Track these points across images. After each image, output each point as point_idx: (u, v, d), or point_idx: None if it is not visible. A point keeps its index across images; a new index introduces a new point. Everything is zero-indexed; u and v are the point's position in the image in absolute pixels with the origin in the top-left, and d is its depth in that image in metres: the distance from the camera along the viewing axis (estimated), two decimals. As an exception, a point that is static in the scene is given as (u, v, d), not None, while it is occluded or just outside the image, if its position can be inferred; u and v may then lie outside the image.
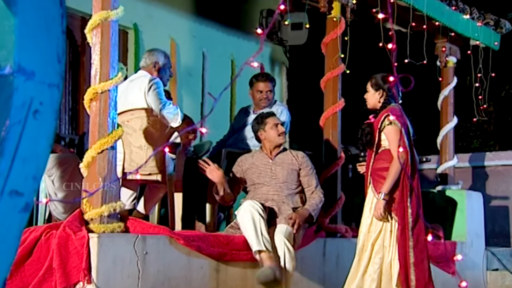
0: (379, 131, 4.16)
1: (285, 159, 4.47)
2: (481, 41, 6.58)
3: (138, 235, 3.71)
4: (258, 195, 4.38)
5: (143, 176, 4.43)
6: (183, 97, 6.87)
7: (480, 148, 10.40)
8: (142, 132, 4.41)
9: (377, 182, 4.17)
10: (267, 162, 4.46)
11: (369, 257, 4.11)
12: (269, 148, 4.48)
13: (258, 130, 4.47)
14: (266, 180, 4.41)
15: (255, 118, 4.56)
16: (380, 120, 4.14)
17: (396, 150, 4.08)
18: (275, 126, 4.45)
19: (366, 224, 4.18)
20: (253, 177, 4.46)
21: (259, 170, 4.45)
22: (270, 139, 4.45)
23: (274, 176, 4.40)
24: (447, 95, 6.72)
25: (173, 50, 6.73)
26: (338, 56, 5.32)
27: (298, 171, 4.45)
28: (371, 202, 4.18)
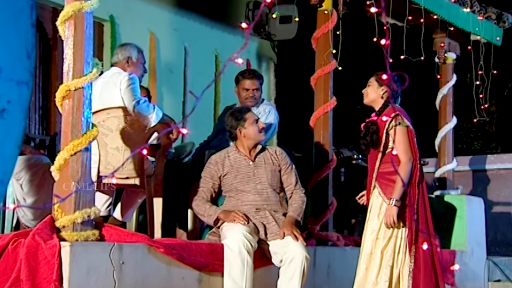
0: (386, 131, 4.17)
1: (265, 159, 4.40)
2: (482, 36, 6.63)
3: (114, 244, 3.70)
4: (245, 205, 4.30)
5: (120, 180, 4.42)
6: (164, 95, 6.87)
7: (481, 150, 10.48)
8: (119, 133, 4.40)
9: (386, 186, 4.17)
10: (248, 165, 4.37)
11: (379, 265, 4.12)
12: (247, 147, 4.38)
13: (237, 127, 4.36)
14: (250, 186, 4.33)
15: (231, 114, 4.43)
16: (388, 120, 4.16)
17: (404, 152, 4.11)
18: (255, 122, 4.38)
19: (373, 230, 4.18)
20: (235, 183, 4.35)
21: (240, 174, 4.36)
22: (250, 136, 4.36)
23: (258, 181, 4.34)
24: (446, 94, 6.76)
25: (153, 44, 6.72)
26: (330, 52, 5.34)
27: (279, 171, 4.42)
28: (379, 207, 4.17)
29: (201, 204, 4.32)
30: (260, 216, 4.26)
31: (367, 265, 4.16)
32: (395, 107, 4.23)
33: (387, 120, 4.15)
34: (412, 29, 6.06)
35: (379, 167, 4.19)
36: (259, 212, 4.27)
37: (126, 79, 4.39)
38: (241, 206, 4.28)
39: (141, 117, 4.35)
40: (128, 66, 4.60)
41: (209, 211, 4.26)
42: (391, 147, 4.18)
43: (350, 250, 5.28)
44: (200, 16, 7.23)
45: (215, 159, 4.39)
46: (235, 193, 4.34)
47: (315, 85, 5.42)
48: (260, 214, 4.27)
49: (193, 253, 4.04)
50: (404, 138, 4.15)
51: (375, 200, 4.23)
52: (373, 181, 4.23)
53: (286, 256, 4.11)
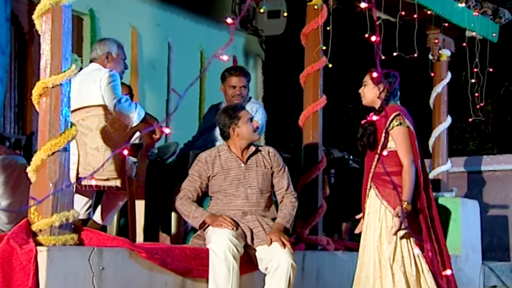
0: (386, 131, 4.18)
1: (257, 162, 4.37)
2: (478, 32, 6.67)
3: (93, 248, 3.69)
4: (232, 209, 4.29)
5: (100, 182, 4.41)
6: (146, 93, 6.86)
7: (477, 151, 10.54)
8: (99, 132, 4.39)
9: (383, 188, 4.16)
10: (239, 167, 4.34)
11: (391, 273, 4.07)
12: (240, 147, 4.35)
13: (230, 125, 4.31)
14: (239, 190, 4.30)
15: (224, 111, 4.39)
16: (389, 120, 4.15)
17: (406, 154, 4.12)
18: (250, 120, 4.34)
19: (375, 235, 4.15)
20: (224, 185, 4.33)
21: (230, 177, 4.32)
22: (244, 135, 4.32)
23: (248, 185, 4.32)
24: (440, 92, 6.80)
25: (135, 40, 6.71)
26: (320, 48, 5.35)
27: (271, 174, 4.40)
28: (378, 209, 4.18)
29: (187, 204, 4.28)
30: (247, 220, 4.26)
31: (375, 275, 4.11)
32: (396, 106, 4.23)
33: (387, 120, 4.15)
34: (405, 25, 6.08)
35: (376, 167, 4.20)
36: (246, 216, 4.27)
37: (107, 76, 4.38)
38: (228, 210, 4.27)
39: (122, 116, 4.35)
40: (108, 62, 4.59)
41: (195, 213, 4.24)
42: (389, 148, 4.19)
43: (341, 254, 5.29)
44: (184, 10, 7.23)
45: (205, 158, 4.35)
46: (223, 196, 4.32)
47: (304, 83, 5.43)
48: (247, 219, 4.26)
49: (176, 258, 4.04)
50: (406, 139, 4.15)
51: (372, 202, 4.22)
52: (369, 182, 4.23)
53: (272, 264, 4.10)
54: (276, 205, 4.45)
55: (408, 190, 4.09)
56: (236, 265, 4.02)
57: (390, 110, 4.18)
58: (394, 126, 4.16)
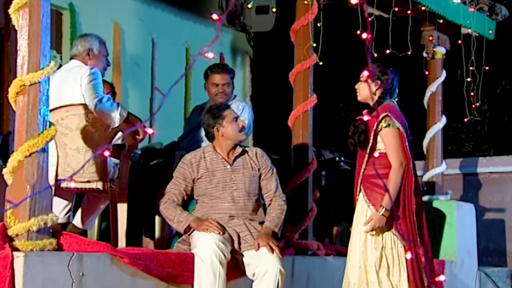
0: (375, 132, 4.18)
1: (244, 163, 4.36)
2: (474, 29, 6.69)
3: (73, 254, 3.67)
4: (218, 213, 4.28)
5: (80, 184, 4.40)
6: (129, 91, 6.84)
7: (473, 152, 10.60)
8: (80, 132, 4.38)
9: (370, 191, 4.17)
10: (224, 169, 4.33)
11: (377, 279, 4.08)
12: (226, 148, 4.34)
13: (214, 125, 4.30)
14: (226, 192, 4.29)
15: (208, 111, 4.38)
16: (378, 121, 4.16)
17: (395, 157, 4.13)
18: (235, 120, 4.33)
19: (360, 239, 4.17)
20: (209, 188, 4.31)
21: (216, 179, 4.31)
22: (229, 135, 4.31)
23: (235, 187, 4.30)
24: (435, 91, 6.82)
25: (117, 36, 6.69)
26: (310, 46, 5.36)
27: (259, 176, 4.39)
28: (364, 214, 4.18)
29: (171, 208, 4.27)
30: (234, 224, 4.25)
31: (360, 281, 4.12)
32: (388, 106, 4.23)
33: (375, 120, 4.15)
34: (398, 22, 6.09)
35: (365, 169, 4.20)
36: (233, 220, 4.26)
37: (87, 74, 4.37)
38: (213, 214, 4.26)
39: (103, 116, 4.34)
40: (89, 59, 4.57)
41: (180, 217, 4.23)
42: (379, 149, 4.19)
43: (332, 260, 5.30)
44: (169, 5, 7.22)
45: (189, 159, 4.34)
46: (209, 199, 4.31)
47: (294, 81, 5.44)
48: (233, 223, 4.25)
49: (160, 264, 4.03)
50: (395, 141, 4.15)
51: (359, 206, 4.24)
52: (358, 184, 4.24)
53: (259, 270, 4.09)
54: (264, 208, 4.45)
55: (391, 195, 4.10)
56: (222, 271, 4.01)
57: (381, 110, 4.19)
58: (383, 127, 4.17)
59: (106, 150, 3.85)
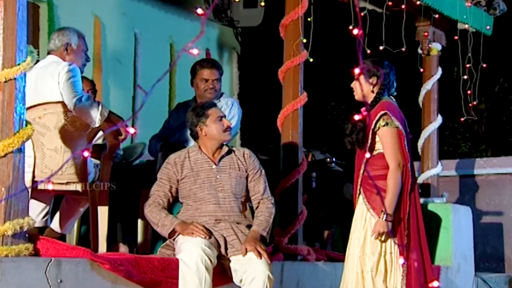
0: (373, 131, 4.19)
1: (231, 163, 4.37)
2: (471, 25, 6.73)
3: (51, 259, 3.66)
4: (203, 216, 4.28)
5: (58, 186, 4.39)
6: (111, 88, 6.83)
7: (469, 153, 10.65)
8: (58, 132, 4.37)
9: (369, 193, 4.18)
10: (210, 169, 4.34)
11: (372, 286, 4.11)
12: (210, 148, 4.36)
13: (197, 124, 4.34)
14: (210, 193, 4.29)
15: (192, 110, 4.41)
16: (375, 119, 4.16)
17: (393, 157, 4.14)
18: (219, 119, 4.35)
19: (358, 244, 4.18)
20: (194, 189, 4.32)
21: (200, 179, 4.32)
22: (213, 135, 4.34)
23: (220, 188, 4.31)
24: (430, 90, 6.84)
25: (98, 30, 6.68)
26: (300, 41, 5.37)
27: (246, 177, 4.39)
28: (363, 217, 4.18)
29: (156, 211, 4.28)
30: (220, 228, 4.25)
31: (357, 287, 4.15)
32: (385, 103, 4.24)
33: (373, 118, 4.16)
34: (392, 16, 6.12)
35: (364, 170, 4.21)
36: (219, 223, 4.26)
37: (65, 71, 4.36)
38: (198, 217, 4.26)
39: (83, 116, 4.33)
40: (67, 54, 4.56)
41: (164, 221, 4.23)
42: (377, 150, 4.20)
43: (322, 265, 5.31)
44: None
45: (174, 159, 4.37)
46: (193, 201, 4.31)
47: (283, 79, 5.44)
48: (220, 226, 4.25)
49: (143, 270, 4.03)
50: (392, 141, 4.16)
51: (359, 209, 4.24)
52: (358, 186, 4.24)
53: (247, 275, 4.10)
54: (252, 211, 4.46)
55: (390, 197, 4.11)
56: (208, 277, 4.01)
57: (379, 108, 4.19)
58: (381, 126, 4.18)
59: (86, 150, 3.85)
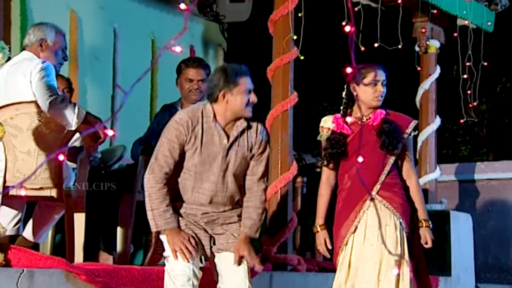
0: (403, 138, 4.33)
1: (242, 142, 4.09)
2: (471, 21, 6.76)
3: (23, 270, 3.65)
4: (196, 192, 4.03)
5: (31, 191, 4.37)
6: (88, 87, 6.82)
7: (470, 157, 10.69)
8: (31, 133, 4.35)
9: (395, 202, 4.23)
10: (220, 143, 4.03)
11: None
12: (225, 119, 4.05)
13: (223, 88, 4.00)
14: (213, 170, 4.02)
15: (222, 70, 4.08)
16: (411, 125, 4.34)
17: (414, 166, 4.40)
18: (248, 92, 4.04)
19: (378, 251, 4.17)
20: (198, 160, 3.98)
21: (208, 152, 4.02)
22: (234, 107, 4.03)
23: (225, 166, 4.05)
24: (428, 89, 6.87)
25: (74, 25, 6.66)
26: (290, 38, 5.38)
27: (250, 157, 4.14)
28: (393, 223, 4.18)
29: (161, 197, 3.93)
30: (210, 227, 4.14)
31: None
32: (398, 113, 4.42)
33: (408, 125, 4.32)
34: (388, 12, 6.14)
35: (388, 176, 4.25)
36: (208, 205, 4.05)
37: (38, 69, 4.34)
38: (191, 193, 4.02)
39: (58, 118, 4.31)
40: (42, 51, 4.55)
41: (160, 216, 3.93)
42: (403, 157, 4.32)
43: (313, 276, 5.32)
44: (133, -9, 7.21)
45: (187, 120, 3.98)
46: (190, 172, 4.02)
47: (272, 78, 5.45)
48: (206, 218, 4.12)
49: (122, 281, 4.02)
50: (412, 150, 4.44)
51: (375, 216, 4.19)
52: (373, 192, 4.22)
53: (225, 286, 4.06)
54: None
55: (424, 205, 4.36)
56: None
57: (403, 115, 4.35)
58: (413, 134, 4.37)
59: (61, 153, 3.83)
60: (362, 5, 5.92)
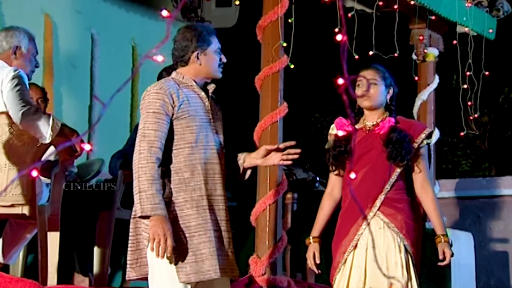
0: (418, 147, 4.29)
1: (213, 102, 4.02)
2: (471, 28, 6.79)
3: (-7, 293, 3.64)
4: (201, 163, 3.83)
5: (1, 209, 4.36)
6: (64, 97, 6.80)
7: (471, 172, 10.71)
8: (2, 146, 4.35)
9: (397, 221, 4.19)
10: (203, 106, 3.94)
11: None
12: (199, 82, 3.99)
13: (195, 49, 3.93)
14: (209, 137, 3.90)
15: (192, 28, 4.03)
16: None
17: (429, 176, 4.33)
18: (219, 51, 4.02)
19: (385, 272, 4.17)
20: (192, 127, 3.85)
21: (198, 117, 3.89)
22: (208, 68, 3.98)
23: (215, 129, 3.96)
24: (426, 100, 6.89)
25: (49, 30, 6.66)
26: (280, 45, 5.39)
27: None
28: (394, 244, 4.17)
29: (151, 176, 3.70)
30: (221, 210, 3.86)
31: None
32: (404, 118, 4.40)
33: (420, 133, 4.30)
34: (383, 18, 6.16)
35: (391, 190, 4.24)
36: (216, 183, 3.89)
37: (10, 78, 4.33)
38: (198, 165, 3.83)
39: (31, 130, 4.31)
40: (15, 59, 4.54)
41: (148, 199, 3.65)
42: (417, 170, 4.29)
43: (304, 299, 5.31)
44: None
45: (167, 89, 3.82)
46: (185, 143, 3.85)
47: (260, 87, 5.45)
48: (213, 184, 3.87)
49: (99, 305, 4.01)
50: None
51: (378, 235, 4.19)
52: (373, 208, 4.22)
53: None
54: None
55: (440, 218, 4.31)
56: None
57: (417, 123, 4.44)
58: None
59: (35, 168, 3.82)
60: (356, 11, 5.93)
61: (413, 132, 4.28)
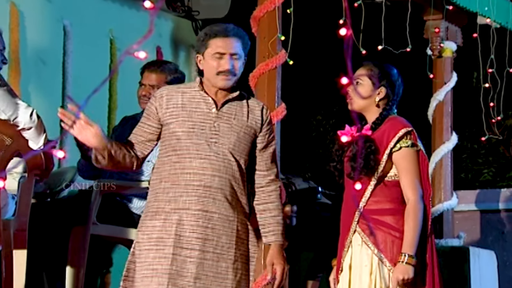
0: (390, 152, 4.23)
1: (237, 112, 4.10)
2: (494, 19, 6.81)
3: (-49, 319, 3.64)
4: (185, 173, 3.98)
5: (-38, 224, 4.37)
6: (32, 96, 6.80)
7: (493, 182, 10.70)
8: (-38, 153, 4.36)
9: (376, 231, 4.20)
10: (208, 112, 4.07)
11: None
12: (210, 87, 4.11)
13: (198, 53, 4.14)
14: (200, 143, 3.99)
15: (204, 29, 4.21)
16: (397, 136, 4.22)
17: (414, 186, 4.19)
18: (219, 56, 4.05)
19: None
20: (179, 133, 4.02)
21: (191, 122, 4.03)
22: (207, 76, 4.10)
23: (215, 140, 4.03)
24: (443, 101, 6.90)
25: (15, 21, 6.65)
26: (277, 39, 5.40)
27: (253, 136, 4.13)
28: (369, 263, 4.18)
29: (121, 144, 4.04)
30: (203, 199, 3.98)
31: None
32: (402, 120, 4.31)
33: (390, 136, 4.22)
34: (395, 8, 6.17)
35: (368, 202, 4.25)
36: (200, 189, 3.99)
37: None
38: (180, 174, 3.99)
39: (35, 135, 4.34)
40: (-20, 54, 4.56)
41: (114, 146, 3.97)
42: (391, 177, 4.25)
43: (304, 326, 5.32)
44: (87, -19, 7.23)
45: (161, 92, 4.13)
46: (173, 150, 4.03)
47: (255, 86, 5.47)
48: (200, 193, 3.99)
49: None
50: (415, 167, 4.23)
51: (357, 253, 4.25)
52: (353, 223, 4.25)
53: None
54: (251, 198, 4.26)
55: (412, 237, 4.14)
56: None
57: (395, 124, 4.26)
58: (403, 146, 4.23)
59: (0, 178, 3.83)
60: (363, 0, 5.95)
61: (386, 138, 4.22)
